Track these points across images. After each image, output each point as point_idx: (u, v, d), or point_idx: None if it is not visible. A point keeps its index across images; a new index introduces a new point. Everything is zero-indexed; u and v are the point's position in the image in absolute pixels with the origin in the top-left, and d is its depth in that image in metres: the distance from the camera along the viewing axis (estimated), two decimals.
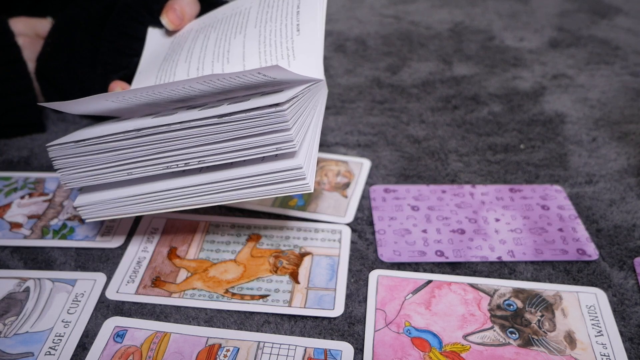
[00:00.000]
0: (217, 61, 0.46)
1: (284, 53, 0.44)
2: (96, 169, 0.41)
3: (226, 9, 0.51)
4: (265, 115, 0.36)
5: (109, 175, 0.41)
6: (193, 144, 0.38)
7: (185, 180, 0.40)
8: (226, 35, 0.47)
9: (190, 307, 0.41)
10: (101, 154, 0.40)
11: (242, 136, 0.37)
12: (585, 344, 0.39)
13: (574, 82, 0.70)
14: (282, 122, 0.36)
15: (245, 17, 0.48)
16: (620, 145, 0.58)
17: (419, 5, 0.93)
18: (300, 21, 0.45)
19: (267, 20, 0.46)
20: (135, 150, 0.39)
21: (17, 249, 0.46)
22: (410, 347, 0.38)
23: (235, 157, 0.38)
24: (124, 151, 0.39)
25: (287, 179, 0.39)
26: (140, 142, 0.39)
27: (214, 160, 0.39)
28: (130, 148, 0.39)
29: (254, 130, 0.37)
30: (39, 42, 0.59)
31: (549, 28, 0.85)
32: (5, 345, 0.38)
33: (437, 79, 0.72)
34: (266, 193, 0.40)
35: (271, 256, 0.45)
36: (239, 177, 0.39)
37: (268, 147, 0.37)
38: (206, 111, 0.38)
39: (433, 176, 0.54)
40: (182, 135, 0.38)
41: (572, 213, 0.49)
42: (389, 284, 0.43)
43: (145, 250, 0.46)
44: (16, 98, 0.57)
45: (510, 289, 0.43)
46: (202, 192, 0.40)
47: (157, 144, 0.39)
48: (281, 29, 0.45)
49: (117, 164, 0.40)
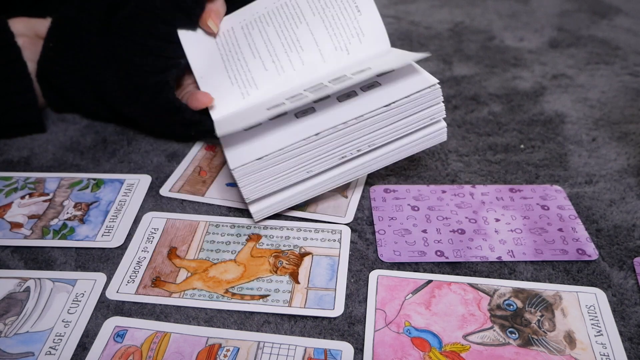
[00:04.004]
0: (291, 50, 0.50)
1: (353, 32, 0.50)
2: (278, 177, 0.44)
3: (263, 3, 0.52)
4: (424, 96, 0.44)
5: (291, 179, 0.45)
6: (365, 133, 0.44)
7: (354, 163, 0.46)
8: (286, 26, 0.51)
9: (190, 307, 0.41)
10: (283, 163, 0.44)
11: (405, 117, 0.45)
12: (585, 344, 0.39)
13: (574, 82, 0.70)
14: (437, 97, 0.45)
15: (297, 8, 0.51)
16: (620, 145, 0.58)
17: (419, 5, 0.93)
18: (357, 2, 0.50)
19: (323, 7, 0.51)
20: (314, 151, 0.44)
21: (17, 249, 0.46)
22: (410, 347, 0.38)
23: (398, 134, 0.45)
24: (305, 154, 0.44)
25: (433, 137, 0.47)
26: (320, 143, 0.44)
27: (381, 142, 0.45)
28: (310, 151, 0.44)
29: (415, 109, 0.45)
30: (39, 42, 0.59)
31: (549, 28, 0.85)
32: (6, 345, 0.38)
33: (437, 78, 0.71)
34: (413, 152, 0.47)
35: (271, 256, 0.45)
36: (398, 147, 0.46)
37: (424, 119, 0.45)
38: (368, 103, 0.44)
39: (433, 176, 0.54)
40: (356, 129, 0.44)
41: (572, 213, 0.49)
42: (389, 284, 0.43)
43: (145, 250, 0.46)
44: (16, 98, 0.57)
45: (510, 289, 0.43)
46: (365, 167, 0.47)
47: (334, 141, 0.44)
48: (342, 11, 0.51)
49: (298, 167, 0.45)
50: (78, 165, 0.56)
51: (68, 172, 0.55)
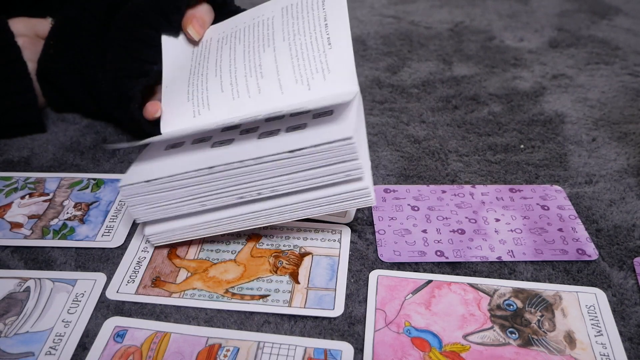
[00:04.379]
0: (250, 76, 0.47)
1: (319, 67, 0.45)
2: (168, 203, 0.42)
3: (245, 17, 0.51)
4: (334, 148, 0.39)
5: (183, 208, 0.43)
6: (265, 177, 0.41)
7: (257, 206, 0.43)
8: (254, 47, 0.48)
9: (190, 307, 0.41)
10: (173, 191, 0.42)
11: (312, 167, 0.40)
12: (585, 344, 0.39)
13: (573, 82, 0.70)
14: (351, 152, 0.39)
15: (270, 29, 0.48)
16: (620, 145, 0.58)
17: (419, 5, 0.93)
18: (330, 34, 0.46)
19: (295, 32, 0.47)
20: (208, 185, 0.41)
21: (17, 249, 0.46)
22: (410, 347, 0.38)
23: (306, 185, 0.41)
24: (197, 186, 0.41)
25: (353, 198, 0.42)
26: (214, 178, 0.41)
27: (285, 189, 0.41)
28: (203, 184, 0.41)
29: (324, 162, 0.40)
30: (39, 42, 0.59)
31: (549, 28, 0.85)
32: (6, 345, 0.38)
33: (437, 79, 0.72)
34: (332, 210, 0.43)
35: (271, 256, 0.45)
36: (309, 200, 0.42)
37: (338, 174, 0.40)
38: (275, 145, 0.40)
39: (433, 176, 0.54)
40: (254, 170, 0.40)
41: (572, 213, 0.49)
42: (389, 284, 0.43)
43: (145, 250, 0.46)
44: (16, 98, 0.58)
45: (510, 289, 0.43)
46: (272, 214, 0.43)
47: (230, 178, 0.41)
48: (312, 42, 0.46)
49: (190, 198, 0.42)
50: (78, 165, 0.56)
51: (68, 172, 0.55)
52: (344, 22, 0.46)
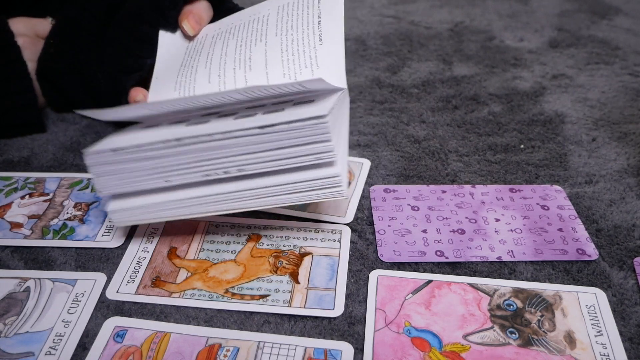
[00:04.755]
0: (239, 68, 0.46)
1: (307, 62, 0.45)
2: (133, 176, 0.41)
3: (242, 15, 0.51)
4: (307, 127, 0.37)
5: (146, 183, 0.41)
6: (233, 153, 0.39)
7: (223, 187, 0.41)
8: (246, 42, 0.48)
9: (190, 307, 0.41)
10: (139, 162, 0.40)
11: (283, 146, 0.38)
12: (585, 344, 0.39)
13: (573, 82, 0.70)
14: (323, 132, 0.38)
15: (265, 24, 0.48)
16: (620, 145, 0.58)
17: (419, 5, 0.93)
18: (322, 31, 0.46)
19: (287, 28, 0.47)
20: (175, 158, 0.40)
21: (17, 249, 0.46)
22: (410, 347, 0.38)
23: (275, 166, 0.39)
24: (163, 159, 0.40)
25: (324, 187, 0.40)
26: (181, 152, 0.39)
27: (253, 168, 0.40)
28: (170, 157, 0.40)
29: (295, 141, 0.38)
30: (39, 42, 0.59)
31: (549, 28, 0.85)
32: (6, 345, 0.38)
33: (437, 79, 0.72)
34: (302, 199, 0.41)
35: (271, 256, 0.45)
36: (277, 184, 0.40)
37: (308, 156, 0.39)
38: (247, 121, 0.38)
39: (433, 176, 0.54)
40: (223, 145, 0.39)
41: (572, 213, 0.49)
42: (389, 284, 0.43)
43: (145, 250, 0.46)
44: (16, 98, 0.58)
45: (510, 289, 0.43)
46: (238, 198, 0.41)
47: (197, 153, 0.39)
48: (303, 38, 0.46)
49: (155, 172, 0.40)
50: (78, 165, 0.56)
51: (68, 172, 0.55)
52: (338, 20, 0.46)
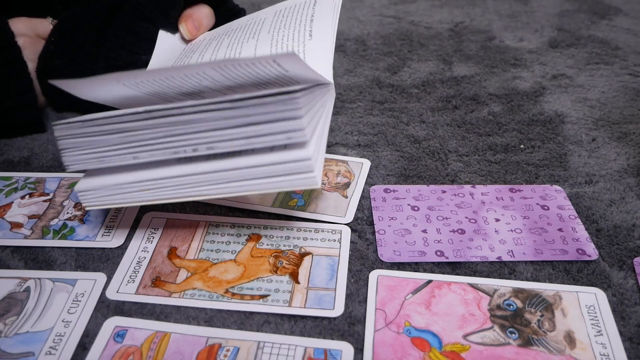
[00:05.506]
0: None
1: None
2: (101, 150, 0.40)
3: (241, 20, 0.51)
4: (278, 102, 0.36)
5: (115, 158, 0.40)
6: (203, 129, 0.38)
7: (192, 167, 0.40)
8: (239, 40, 0.48)
9: (190, 307, 0.41)
10: (108, 135, 0.39)
11: (253, 122, 0.37)
12: (585, 344, 0.39)
13: (573, 82, 0.70)
14: (294, 108, 0.36)
15: (259, 25, 0.48)
16: (620, 145, 0.58)
17: (419, 5, 0.93)
18: (313, 28, 0.45)
19: (280, 27, 0.47)
20: (144, 132, 0.39)
21: (17, 249, 0.46)
22: (410, 347, 0.38)
23: (245, 144, 0.38)
24: (132, 133, 0.39)
25: (295, 171, 0.39)
26: (150, 125, 0.38)
27: (223, 146, 0.38)
28: (139, 130, 0.39)
29: (265, 117, 0.37)
30: (39, 42, 0.59)
31: (548, 28, 0.85)
32: (6, 345, 0.38)
33: (437, 79, 0.72)
34: (273, 186, 0.39)
35: (271, 256, 0.45)
36: (247, 166, 0.39)
37: (279, 135, 0.37)
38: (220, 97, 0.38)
39: (433, 176, 0.54)
40: (193, 120, 0.38)
41: (572, 213, 0.49)
42: (389, 284, 0.43)
43: (145, 250, 0.46)
44: (16, 98, 0.58)
45: (510, 288, 0.43)
46: (208, 182, 0.40)
47: (167, 127, 0.38)
48: (294, 34, 0.45)
49: (123, 147, 0.40)
50: None
51: (68, 172, 0.55)
52: (331, 19, 0.46)
